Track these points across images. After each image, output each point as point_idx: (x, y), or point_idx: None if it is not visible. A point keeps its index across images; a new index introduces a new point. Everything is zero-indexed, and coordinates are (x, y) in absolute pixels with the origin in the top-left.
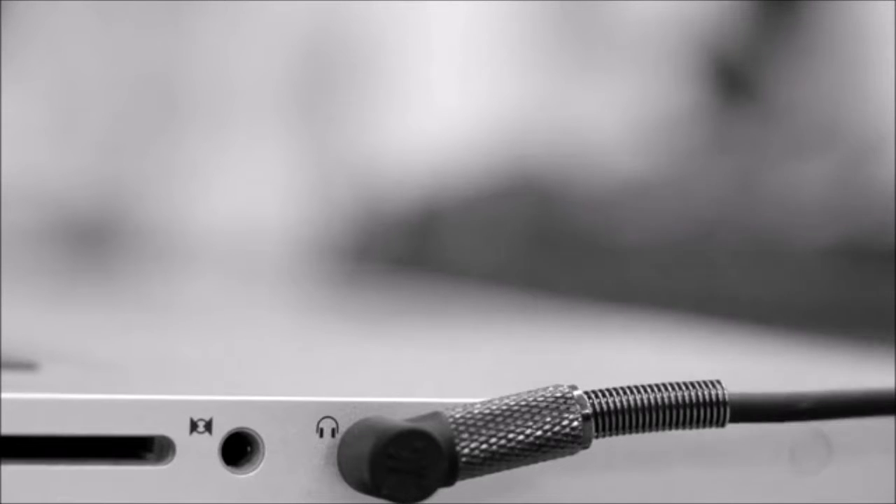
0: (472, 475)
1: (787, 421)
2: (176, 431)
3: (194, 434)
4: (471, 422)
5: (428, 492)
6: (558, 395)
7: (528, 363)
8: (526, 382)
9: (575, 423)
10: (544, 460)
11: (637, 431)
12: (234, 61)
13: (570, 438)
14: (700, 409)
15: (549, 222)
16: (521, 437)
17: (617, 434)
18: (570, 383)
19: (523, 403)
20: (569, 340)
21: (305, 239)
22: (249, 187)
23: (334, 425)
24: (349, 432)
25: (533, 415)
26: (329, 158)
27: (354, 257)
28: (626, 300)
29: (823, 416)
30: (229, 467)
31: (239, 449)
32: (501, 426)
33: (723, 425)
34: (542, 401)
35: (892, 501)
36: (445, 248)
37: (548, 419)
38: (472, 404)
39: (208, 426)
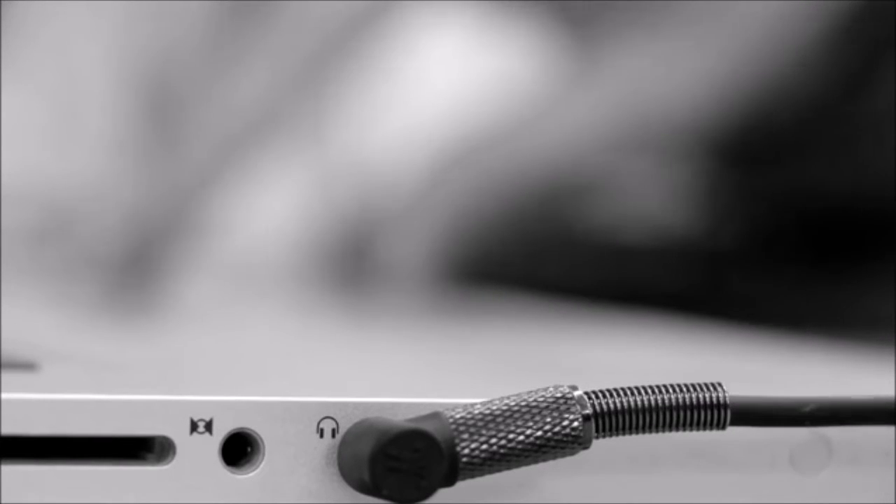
0: (473, 476)
1: (788, 426)
2: (176, 432)
3: (194, 434)
4: (471, 422)
5: (428, 492)
6: (559, 395)
7: (528, 363)
8: (526, 382)
9: (575, 424)
10: (544, 461)
11: (637, 432)
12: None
13: (570, 439)
14: (701, 412)
15: (549, 222)
16: (521, 438)
17: (617, 435)
18: (571, 383)
19: (523, 404)
20: (569, 340)
21: (305, 239)
22: (249, 187)
23: (334, 425)
24: (349, 432)
25: (533, 415)
26: (328, 158)
27: (354, 257)
28: (626, 300)
29: (824, 422)
30: (229, 467)
31: (239, 449)
32: (502, 426)
33: (723, 428)
34: (543, 401)
35: (892, 503)
36: (444, 248)
37: (548, 419)
38: (473, 404)
39: (208, 426)
